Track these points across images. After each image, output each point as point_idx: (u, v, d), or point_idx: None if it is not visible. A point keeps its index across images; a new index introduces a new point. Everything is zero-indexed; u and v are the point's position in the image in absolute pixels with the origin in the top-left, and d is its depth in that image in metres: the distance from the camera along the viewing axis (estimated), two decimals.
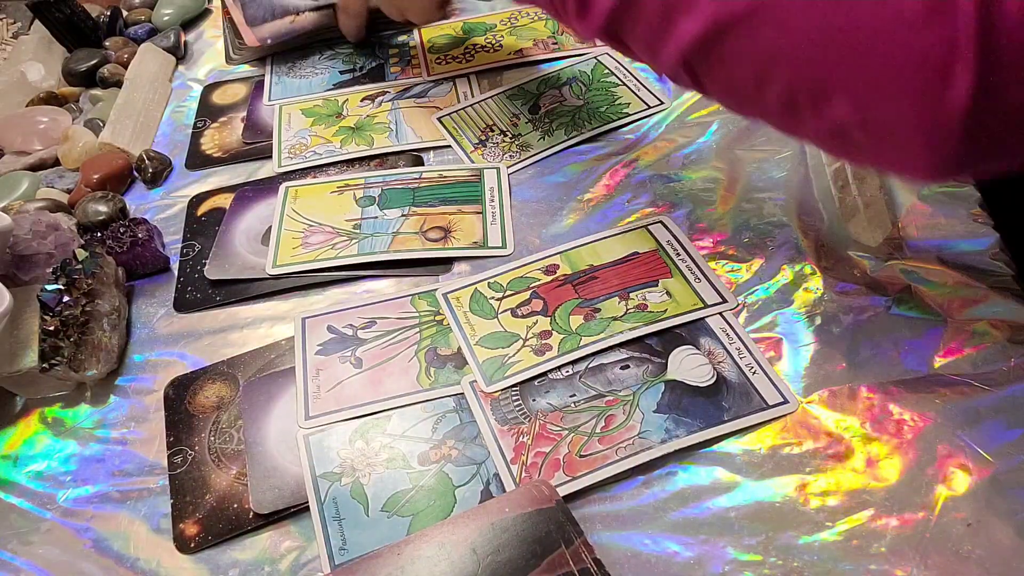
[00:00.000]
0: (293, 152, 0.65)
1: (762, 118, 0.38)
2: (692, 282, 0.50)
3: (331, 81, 0.73)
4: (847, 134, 0.33)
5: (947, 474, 0.39)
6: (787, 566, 0.37)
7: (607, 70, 0.68)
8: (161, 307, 0.56)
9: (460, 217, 0.57)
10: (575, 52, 0.70)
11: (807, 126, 0.35)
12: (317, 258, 0.56)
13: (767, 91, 0.34)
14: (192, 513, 0.44)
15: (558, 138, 0.62)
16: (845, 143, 0.34)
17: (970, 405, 0.41)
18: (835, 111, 0.32)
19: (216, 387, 0.50)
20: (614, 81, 0.67)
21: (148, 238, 0.57)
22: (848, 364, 0.45)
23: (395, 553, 0.39)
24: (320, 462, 0.44)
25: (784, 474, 0.41)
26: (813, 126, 0.34)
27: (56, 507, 0.46)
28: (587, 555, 0.38)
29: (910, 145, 0.32)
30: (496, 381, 0.46)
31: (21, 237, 0.54)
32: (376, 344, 0.50)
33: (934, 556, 0.37)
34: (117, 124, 0.70)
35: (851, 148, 0.35)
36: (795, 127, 0.36)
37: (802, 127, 0.36)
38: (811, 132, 0.36)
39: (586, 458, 0.42)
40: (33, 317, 0.50)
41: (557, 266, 0.53)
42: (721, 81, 0.37)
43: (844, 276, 0.49)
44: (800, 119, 0.35)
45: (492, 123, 0.65)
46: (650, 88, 0.65)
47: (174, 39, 0.81)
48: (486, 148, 0.63)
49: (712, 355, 0.46)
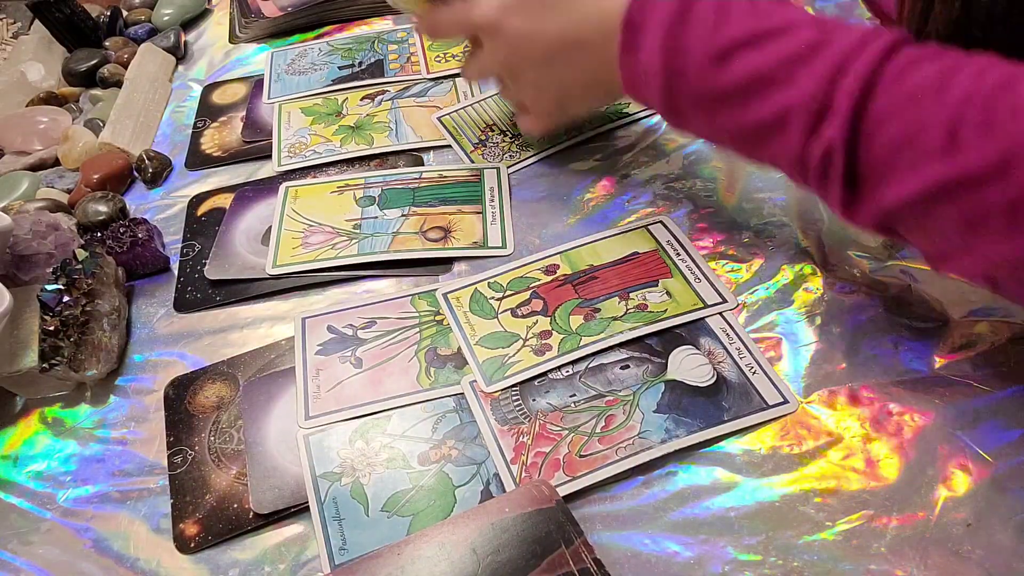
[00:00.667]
0: (293, 151, 0.65)
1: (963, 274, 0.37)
2: (692, 282, 0.50)
3: (330, 77, 0.73)
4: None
5: (947, 474, 0.39)
6: (787, 566, 0.37)
7: None
8: (161, 307, 0.56)
9: (460, 217, 0.57)
10: None
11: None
12: (317, 258, 0.56)
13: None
14: (192, 513, 0.44)
15: (558, 138, 0.62)
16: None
17: (970, 405, 0.41)
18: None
19: (216, 387, 0.50)
20: None
21: (148, 238, 0.57)
22: (848, 364, 0.45)
23: (395, 553, 0.39)
24: (320, 462, 0.44)
25: (784, 474, 0.41)
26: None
27: (56, 507, 0.46)
28: (587, 555, 0.38)
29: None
30: (496, 381, 0.46)
31: (21, 237, 0.54)
32: (376, 344, 0.50)
33: (934, 556, 0.37)
34: (117, 124, 0.70)
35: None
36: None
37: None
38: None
39: (586, 458, 0.42)
40: (33, 317, 0.50)
41: (557, 266, 0.53)
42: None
43: (844, 276, 0.49)
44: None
45: (492, 123, 0.65)
46: None
47: (174, 39, 0.81)
48: (486, 148, 0.63)
49: (712, 355, 0.46)
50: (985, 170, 0.31)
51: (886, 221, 0.37)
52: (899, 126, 0.34)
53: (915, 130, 0.33)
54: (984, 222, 0.32)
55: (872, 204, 0.36)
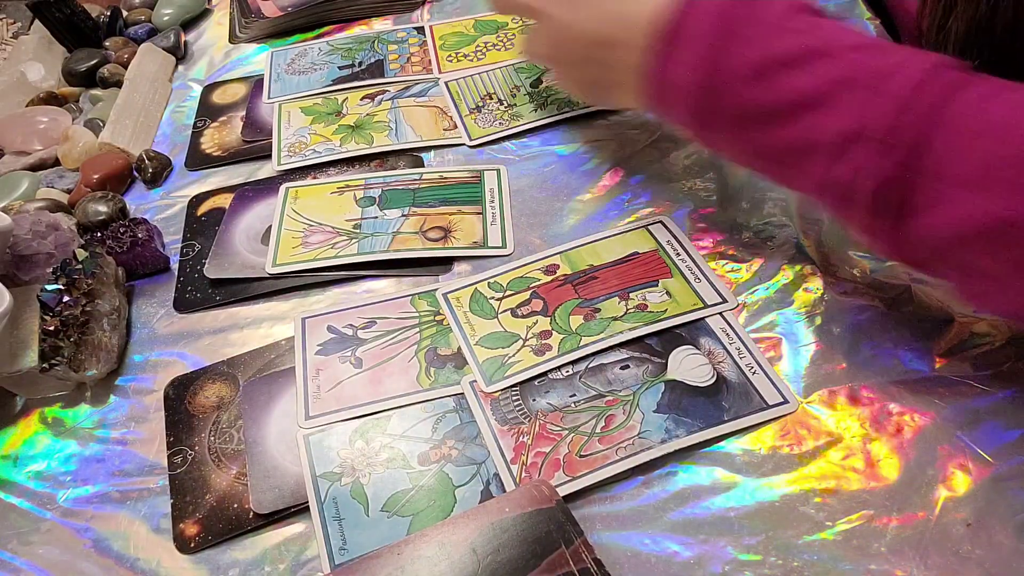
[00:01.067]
0: (292, 150, 0.65)
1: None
2: (692, 282, 0.50)
3: (330, 77, 0.73)
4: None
5: (947, 474, 0.39)
6: (787, 566, 0.37)
7: None
8: (161, 307, 0.56)
9: (460, 217, 0.57)
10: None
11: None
12: (317, 257, 0.56)
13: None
14: (192, 513, 0.44)
15: (550, 111, 0.64)
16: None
17: (970, 405, 0.41)
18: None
19: (216, 387, 0.50)
20: None
21: (148, 238, 0.57)
22: (848, 364, 0.45)
23: (395, 553, 0.39)
24: (320, 462, 0.44)
25: (784, 474, 0.41)
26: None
27: (56, 507, 0.46)
28: (587, 555, 0.37)
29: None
30: (496, 381, 0.46)
31: (21, 237, 0.54)
32: (376, 344, 0.50)
33: (934, 556, 0.37)
34: (117, 124, 0.70)
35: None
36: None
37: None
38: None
39: (586, 458, 0.42)
40: (33, 317, 0.50)
41: (557, 266, 0.53)
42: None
43: (844, 276, 0.49)
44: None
45: (492, 91, 0.67)
46: None
47: (174, 39, 0.81)
48: (480, 114, 0.65)
49: (712, 355, 0.46)
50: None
51: (931, 256, 0.36)
52: (967, 162, 0.33)
53: (984, 167, 0.32)
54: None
55: (921, 237, 0.35)
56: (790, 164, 0.39)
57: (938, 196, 0.33)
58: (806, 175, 0.38)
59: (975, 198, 0.32)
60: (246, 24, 0.81)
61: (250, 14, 0.82)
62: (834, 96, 0.36)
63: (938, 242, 0.34)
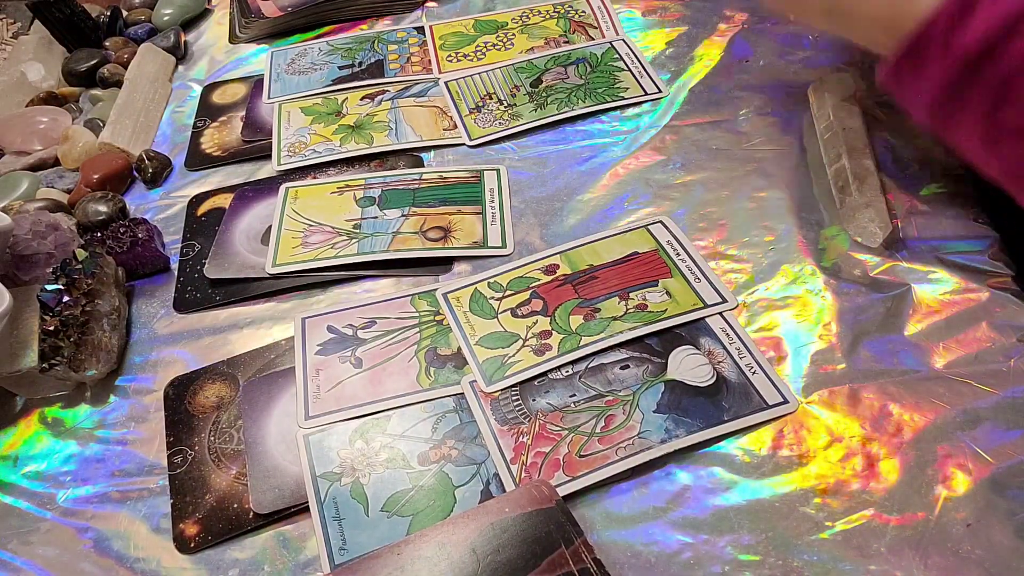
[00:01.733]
0: (292, 150, 0.65)
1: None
2: (692, 282, 0.50)
3: (330, 77, 0.73)
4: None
5: (947, 474, 0.39)
6: (787, 566, 0.37)
7: (617, 55, 0.68)
8: (161, 307, 0.56)
9: (460, 217, 0.57)
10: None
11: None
12: (317, 257, 0.56)
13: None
14: (192, 513, 0.44)
15: (549, 112, 0.64)
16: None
17: (970, 405, 0.41)
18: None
19: (216, 387, 0.50)
20: (620, 66, 0.67)
21: (148, 238, 0.57)
22: (848, 364, 0.45)
23: (395, 553, 0.39)
24: (320, 462, 0.44)
25: (784, 474, 0.41)
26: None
27: (56, 507, 0.46)
28: (587, 555, 0.37)
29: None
30: (496, 381, 0.46)
31: (21, 237, 0.54)
32: (376, 344, 0.50)
33: (934, 556, 0.37)
34: (117, 124, 0.70)
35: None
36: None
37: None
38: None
39: (586, 458, 0.42)
40: (33, 317, 0.50)
41: (557, 266, 0.53)
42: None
43: (844, 276, 0.49)
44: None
45: (492, 91, 0.67)
46: (652, 77, 0.66)
47: (174, 39, 0.81)
48: (480, 114, 0.65)
49: (712, 355, 0.46)
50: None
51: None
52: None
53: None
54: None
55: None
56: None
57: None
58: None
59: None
60: (246, 24, 0.81)
61: (250, 14, 0.82)
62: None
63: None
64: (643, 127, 0.62)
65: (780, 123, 0.59)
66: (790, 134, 0.58)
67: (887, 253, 0.49)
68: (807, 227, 0.52)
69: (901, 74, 0.42)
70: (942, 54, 0.39)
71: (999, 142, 0.39)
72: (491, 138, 0.63)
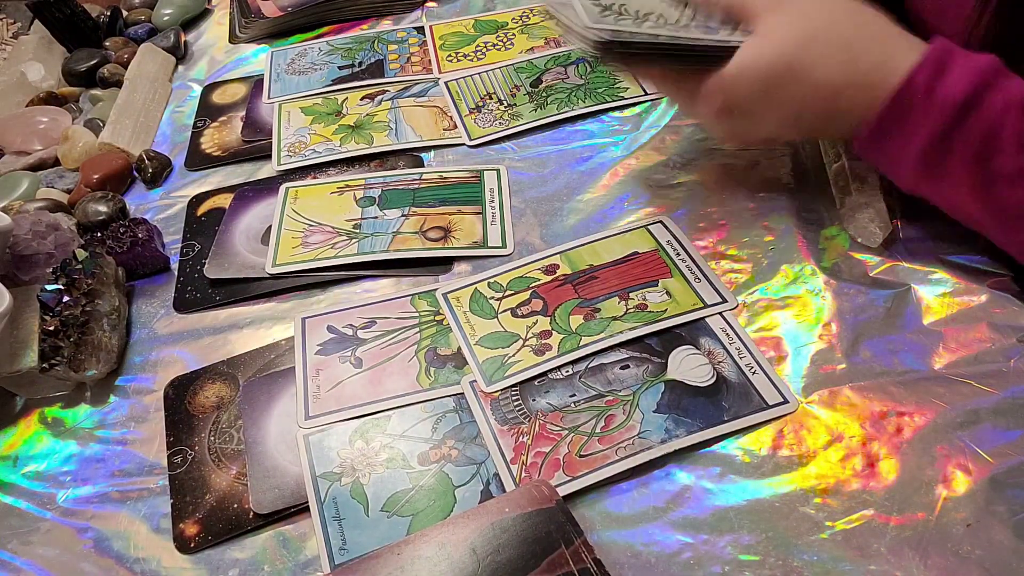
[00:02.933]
0: (292, 150, 0.65)
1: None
2: (692, 282, 0.50)
3: (330, 77, 0.73)
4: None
5: (947, 474, 0.39)
6: (787, 566, 0.37)
7: None
8: (161, 307, 0.56)
9: (460, 217, 0.57)
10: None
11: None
12: (317, 257, 0.56)
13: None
14: (192, 513, 0.44)
15: (549, 112, 0.64)
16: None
17: (970, 405, 0.41)
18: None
19: (216, 387, 0.50)
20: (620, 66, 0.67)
21: (148, 238, 0.57)
22: (848, 364, 0.44)
23: (395, 553, 0.39)
24: (320, 462, 0.44)
25: (784, 474, 0.41)
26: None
27: (56, 507, 0.46)
28: (587, 555, 0.37)
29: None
30: (496, 381, 0.46)
31: (21, 237, 0.54)
32: (376, 344, 0.50)
33: (934, 556, 0.37)
34: (117, 124, 0.70)
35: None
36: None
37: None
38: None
39: (586, 458, 0.42)
40: (33, 317, 0.50)
41: (557, 266, 0.53)
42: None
43: (844, 276, 0.49)
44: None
45: (492, 91, 0.67)
46: None
47: (174, 39, 0.81)
48: (480, 114, 0.65)
49: (712, 355, 0.46)
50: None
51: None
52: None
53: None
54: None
55: None
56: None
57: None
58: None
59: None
60: (246, 24, 0.81)
61: (250, 14, 0.82)
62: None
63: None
64: (643, 127, 0.62)
65: None
66: None
67: (887, 253, 0.49)
68: (807, 227, 0.52)
69: (885, 132, 0.43)
70: (926, 106, 0.40)
71: (991, 189, 0.41)
72: (491, 138, 0.63)
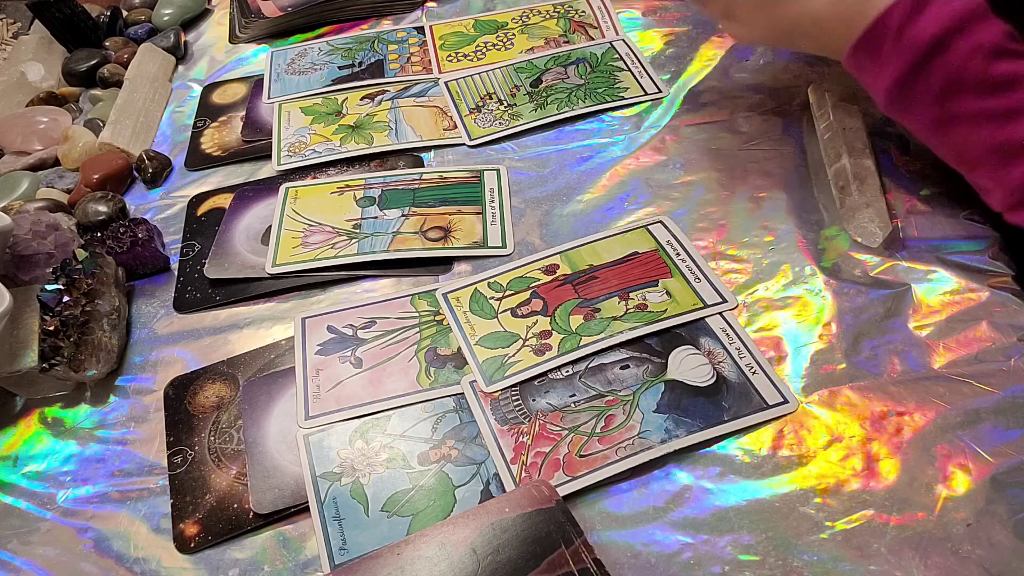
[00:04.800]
0: (292, 150, 0.65)
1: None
2: (692, 282, 0.50)
3: (330, 77, 0.73)
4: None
5: (947, 474, 0.39)
6: (787, 566, 0.37)
7: (617, 55, 0.68)
8: (161, 307, 0.56)
9: (460, 217, 0.57)
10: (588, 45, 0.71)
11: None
12: (317, 257, 0.56)
13: None
14: (192, 513, 0.44)
15: (549, 112, 0.64)
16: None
17: (970, 405, 0.41)
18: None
19: (216, 387, 0.50)
20: (620, 66, 0.67)
21: (148, 238, 0.57)
22: (848, 364, 0.45)
23: (395, 553, 0.39)
24: (320, 462, 0.44)
25: (784, 474, 0.41)
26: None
27: (56, 507, 0.46)
28: (587, 555, 0.37)
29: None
30: (496, 381, 0.46)
31: (21, 237, 0.54)
32: (376, 344, 0.50)
33: (934, 556, 0.37)
34: (117, 124, 0.70)
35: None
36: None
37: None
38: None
39: (586, 458, 0.42)
40: (33, 317, 0.50)
41: (557, 266, 0.53)
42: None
43: (844, 276, 0.49)
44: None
45: (492, 91, 0.67)
46: (652, 77, 0.66)
47: (174, 39, 0.81)
48: (480, 114, 0.65)
49: (712, 355, 0.46)
50: None
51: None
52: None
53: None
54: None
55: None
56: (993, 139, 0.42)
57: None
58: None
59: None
60: (246, 24, 0.81)
61: (250, 14, 0.82)
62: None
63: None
64: (643, 127, 0.62)
65: (780, 123, 0.59)
66: (790, 134, 0.58)
67: (887, 253, 0.49)
68: (807, 227, 0.52)
69: (859, 64, 0.46)
70: (895, 44, 0.43)
71: (952, 131, 0.44)
72: (491, 138, 0.63)
